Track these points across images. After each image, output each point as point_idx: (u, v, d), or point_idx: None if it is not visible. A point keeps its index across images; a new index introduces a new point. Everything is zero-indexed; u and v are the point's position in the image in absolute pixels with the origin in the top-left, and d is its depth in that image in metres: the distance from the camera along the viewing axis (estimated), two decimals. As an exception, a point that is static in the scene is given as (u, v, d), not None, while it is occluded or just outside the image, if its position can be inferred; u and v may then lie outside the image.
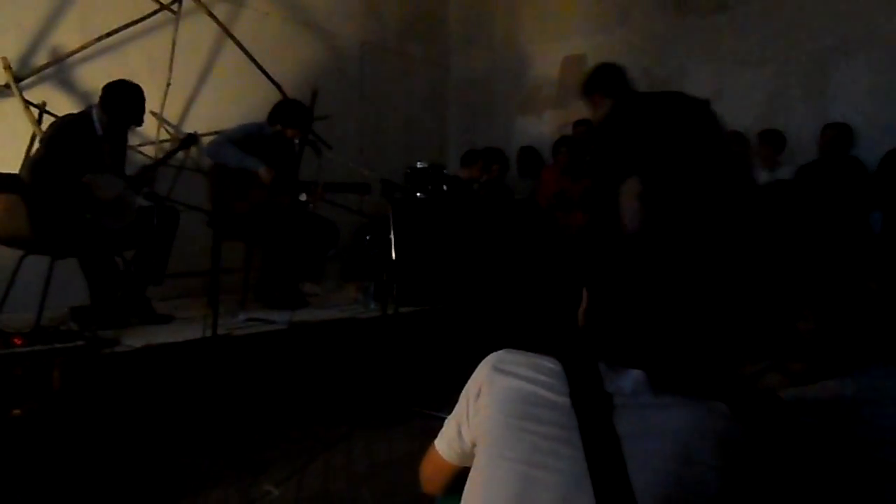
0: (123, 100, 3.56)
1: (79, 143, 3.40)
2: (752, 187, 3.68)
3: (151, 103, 3.82)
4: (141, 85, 3.64)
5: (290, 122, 4.23)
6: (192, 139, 3.92)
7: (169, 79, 4.73)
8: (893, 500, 1.91)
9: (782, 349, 2.40)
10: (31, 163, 3.58)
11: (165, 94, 4.71)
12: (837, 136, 4.85)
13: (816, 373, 2.18)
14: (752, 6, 5.52)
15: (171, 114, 4.89)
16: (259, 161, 4.03)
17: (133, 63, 4.48)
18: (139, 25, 4.61)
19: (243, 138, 4.09)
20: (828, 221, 4.25)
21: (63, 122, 3.53)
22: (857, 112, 5.00)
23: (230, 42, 5.09)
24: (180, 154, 4.21)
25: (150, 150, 4.71)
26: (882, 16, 4.96)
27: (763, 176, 5.10)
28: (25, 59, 4.22)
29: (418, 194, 4.68)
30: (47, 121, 4.04)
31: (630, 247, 1.29)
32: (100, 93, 3.57)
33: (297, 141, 4.37)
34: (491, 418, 1.14)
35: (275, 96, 4.87)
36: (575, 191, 5.45)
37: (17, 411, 2.54)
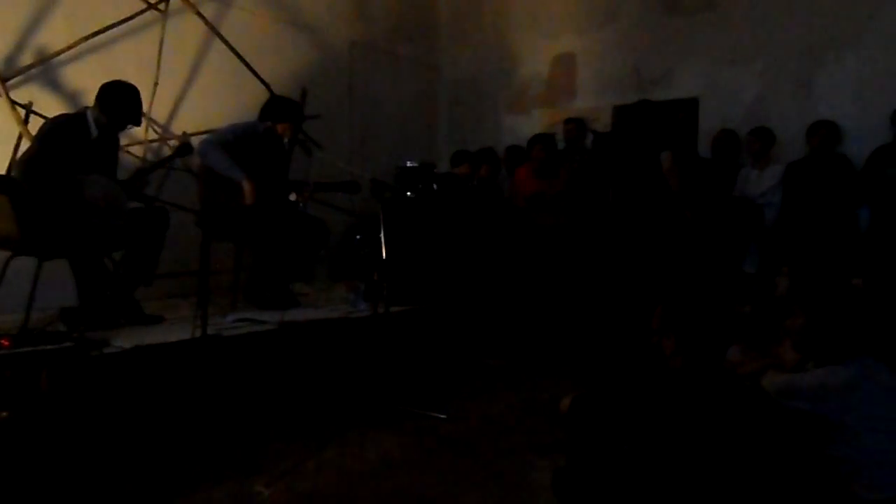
0: (122, 100, 3.52)
1: (72, 144, 3.37)
2: None
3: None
4: (129, 85, 3.61)
5: (280, 118, 4.20)
6: (188, 148, 3.88)
7: (156, 78, 4.70)
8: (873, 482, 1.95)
9: (776, 346, 2.43)
10: (22, 160, 3.54)
11: (153, 93, 4.68)
12: (825, 134, 4.89)
13: (808, 363, 2.21)
14: (741, 4, 5.55)
15: (159, 114, 4.87)
16: (244, 175, 3.92)
17: (120, 62, 4.45)
18: (126, 25, 4.58)
19: (234, 139, 4.04)
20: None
21: (57, 122, 3.48)
22: (844, 109, 5.04)
23: (218, 41, 5.07)
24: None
25: (138, 151, 4.68)
26: (869, 13, 5.00)
27: (753, 174, 5.13)
28: (11, 58, 4.19)
29: (408, 193, 4.68)
30: (34, 121, 4.01)
31: None
32: (88, 92, 3.54)
33: (286, 140, 4.35)
34: None
35: (263, 96, 4.85)
36: (549, 191, 5.43)
37: (4, 413, 2.52)
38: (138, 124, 3.73)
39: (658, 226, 4.72)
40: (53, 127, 3.44)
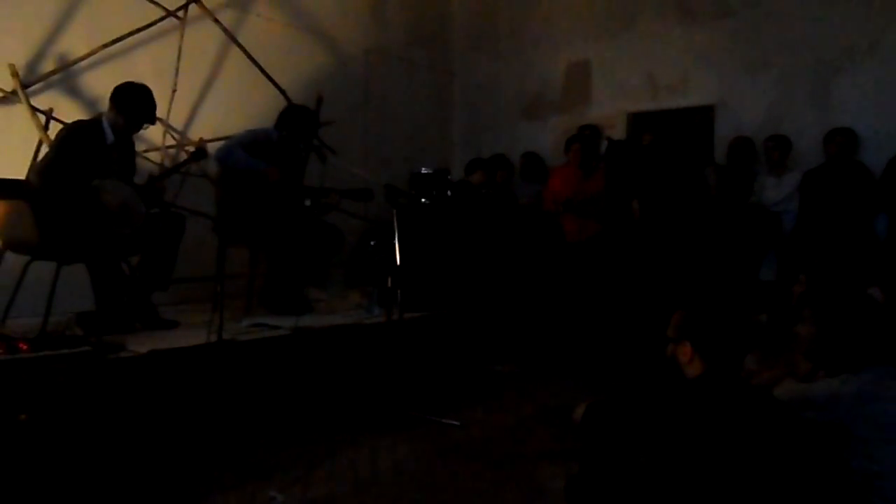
0: (137, 100, 3.56)
1: (88, 149, 3.41)
2: None
3: (157, 109, 3.82)
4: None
5: (296, 127, 4.26)
6: (202, 153, 3.93)
7: (175, 85, 4.75)
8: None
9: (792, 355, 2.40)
10: (39, 167, 3.58)
11: (171, 100, 4.72)
12: (843, 142, 4.84)
13: (820, 372, 2.18)
14: (757, 12, 5.52)
15: (177, 120, 4.91)
16: (267, 164, 4.06)
17: (139, 69, 4.50)
18: (145, 32, 4.63)
19: (251, 143, 4.11)
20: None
21: (73, 128, 3.53)
22: (862, 117, 4.99)
23: (236, 48, 5.11)
24: (186, 160, 4.23)
25: (155, 156, 4.72)
26: (887, 22, 4.96)
27: (770, 181, 5.09)
28: (32, 65, 4.24)
29: (423, 200, 4.69)
30: (54, 127, 4.05)
31: None
32: (107, 99, 3.57)
33: (302, 146, 4.38)
34: None
35: (280, 103, 4.88)
36: (586, 192, 5.42)
37: (23, 416, 2.55)
38: (153, 122, 3.75)
39: (686, 234, 4.72)
40: (69, 133, 3.48)
